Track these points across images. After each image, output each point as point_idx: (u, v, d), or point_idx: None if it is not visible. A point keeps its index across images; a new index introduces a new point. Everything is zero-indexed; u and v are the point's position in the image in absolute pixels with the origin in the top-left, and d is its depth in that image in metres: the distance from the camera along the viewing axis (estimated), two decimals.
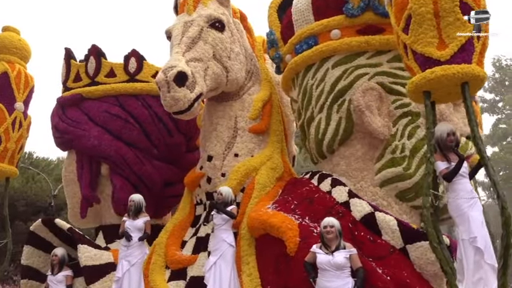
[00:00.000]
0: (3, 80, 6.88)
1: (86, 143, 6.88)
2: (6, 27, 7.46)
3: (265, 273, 4.84)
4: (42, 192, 18.41)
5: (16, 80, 6.98)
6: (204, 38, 5.74)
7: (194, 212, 6.32)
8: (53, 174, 20.87)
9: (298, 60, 5.88)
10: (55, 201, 17.14)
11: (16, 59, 7.22)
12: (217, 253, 4.90)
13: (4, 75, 6.91)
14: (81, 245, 5.50)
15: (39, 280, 5.88)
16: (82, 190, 6.95)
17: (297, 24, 6.01)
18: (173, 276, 5.59)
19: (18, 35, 7.50)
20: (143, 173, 6.80)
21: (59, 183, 19.69)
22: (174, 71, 5.08)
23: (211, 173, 5.99)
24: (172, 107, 5.20)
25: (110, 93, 7.14)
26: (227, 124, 6.18)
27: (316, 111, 5.73)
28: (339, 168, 5.52)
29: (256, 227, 5.04)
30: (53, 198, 17.34)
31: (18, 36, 7.41)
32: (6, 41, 7.16)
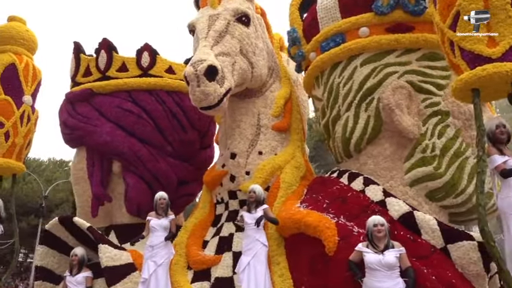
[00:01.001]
0: (11, 72, 6.52)
1: (97, 139, 6.61)
2: (12, 17, 7.10)
3: (298, 273, 4.73)
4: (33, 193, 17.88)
5: (24, 72, 6.64)
6: (231, 32, 5.60)
7: (214, 211, 6.16)
8: (44, 175, 20.35)
9: (324, 58, 5.81)
10: (46, 202, 16.66)
11: (23, 50, 6.87)
12: (250, 253, 4.75)
13: (12, 66, 6.56)
14: (102, 244, 5.25)
15: (53, 282, 5.58)
16: (93, 188, 6.67)
17: (323, 21, 5.94)
18: (197, 277, 5.42)
19: (25, 25, 7.15)
20: (158, 171, 6.57)
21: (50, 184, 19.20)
22: (205, 65, 4.91)
23: (235, 171, 5.84)
24: (202, 101, 5.03)
25: (122, 88, 6.89)
26: (250, 121, 6.05)
27: (343, 110, 5.67)
28: (366, 167, 5.46)
29: (288, 226, 4.93)
30: (44, 199, 16.82)
31: (26, 27, 7.07)
32: (14, 32, 6.81)
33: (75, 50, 7.45)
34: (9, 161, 6.29)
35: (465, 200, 5.17)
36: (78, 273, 5.20)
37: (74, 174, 7.03)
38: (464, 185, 5.15)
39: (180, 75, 7.13)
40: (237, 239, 5.55)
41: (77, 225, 5.45)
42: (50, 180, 19.72)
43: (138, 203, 6.48)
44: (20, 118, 6.48)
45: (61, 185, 20.32)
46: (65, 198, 19.59)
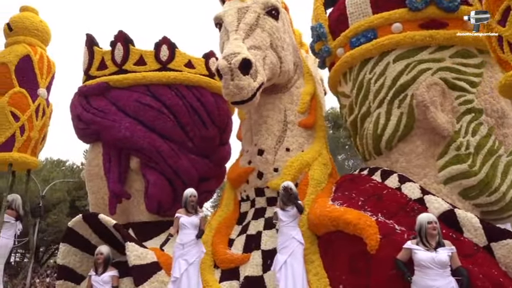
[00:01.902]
0: (26, 63, 6.31)
1: (116, 134, 6.38)
2: (25, 7, 6.87)
3: (335, 272, 4.63)
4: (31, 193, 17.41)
5: (39, 65, 6.43)
6: (262, 26, 5.47)
7: (239, 208, 6.02)
8: (41, 174, 19.92)
9: (355, 54, 5.72)
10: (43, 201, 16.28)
11: (37, 41, 6.66)
12: (286, 251, 4.63)
13: (27, 58, 6.34)
14: (129, 242, 5.07)
15: (74, 281, 5.37)
16: (110, 185, 6.45)
17: (353, 17, 5.85)
18: (225, 276, 5.28)
19: (38, 15, 6.92)
20: (179, 167, 6.39)
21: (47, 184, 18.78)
22: (239, 58, 4.77)
23: (263, 168, 5.72)
24: (235, 96, 4.88)
25: (140, 82, 6.68)
26: (277, 117, 5.93)
27: (374, 106, 5.58)
28: (398, 165, 5.39)
29: (324, 224, 4.81)
30: (41, 199, 16.45)
31: (39, 18, 6.85)
32: (27, 22, 6.58)
33: (88, 42, 7.21)
34: (25, 155, 6.08)
35: (498, 198, 5.13)
36: (104, 272, 5.00)
37: (89, 170, 6.80)
38: (498, 183, 5.11)
39: (199, 69, 6.97)
40: (266, 237, 5.43)
41: (100, 222, 5.24)
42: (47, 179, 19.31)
43: (159, 200, 6.30)
44: (35, 112, 6.29)
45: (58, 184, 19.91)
46: (62, 198, 19.21)
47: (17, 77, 6.18)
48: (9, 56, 6.32)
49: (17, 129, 5.98)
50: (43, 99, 6.37)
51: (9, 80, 6.23)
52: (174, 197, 6.43)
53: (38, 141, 6.31)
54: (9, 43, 6.57)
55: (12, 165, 6.08)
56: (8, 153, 6.08)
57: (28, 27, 6.50)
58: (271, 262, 5.19)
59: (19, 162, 5.96)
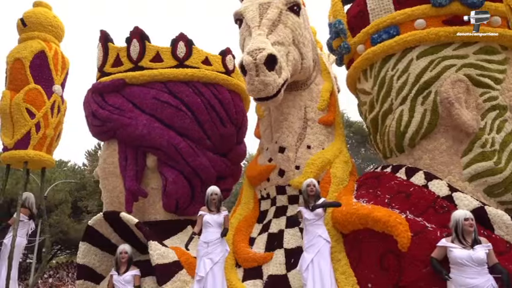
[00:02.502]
0: (41, 59, 6.20)
1: (133, 132, 6.29)
2: (39, 3, 6.77)
3: (364, 270, 4.57)
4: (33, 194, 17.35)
5: (54, 61, 6.32)
6: (284, 21, 5.40)
7: (259, 207, 5.95)
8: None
9: (377, 50, 5.67)
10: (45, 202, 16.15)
11: (51, 37, 6.55)
12: (313, 250, 4.57)
13: (41, 54, 6.24)
14: (152, 241, 4.98)
15: (94, 281, 5.28)
16: (127, 183, 6.34)
17: (374, 13, 5.80)
18: (248, 276, 5.22)
19: (51, 11, 6.81)
20: (198, 166, 6.31)
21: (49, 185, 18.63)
22: (264, 54, 4.70)
23: (284, 166, 5.65)
24: (260, 92, 4.81)
25: (157, 79, 6.57)
26: (297, 114, 5.87)
27: (396, 103, 5.54)
28: (421, 162, 5.35)
29: (351, 222, 4.76)
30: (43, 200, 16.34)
31: (53, 13, 6.74)
32: (42, 18, 6.48)
33: (102, 38, 7.10)
34: (41, 153, 5.98)
35: None
36: (126, 271, 4.91)
37: (104, 168, 6.69)
38: None
39: (216, 66, 6.89)
40: (288, 235, 5.38)
41: (121, 221, 5.15)
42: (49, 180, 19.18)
43: (177, 199, 6.21)
44: (51, 109, 6.18)
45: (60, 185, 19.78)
46: (64, 198, 19.07)
47: (32, 73, 6.08)
48: (24, 52, 6.21)
49: (32, 126, 5.87)
50: (58, 96, 6.26)
51: (24, 77, 6.12)
52: (192, 195, 6.36)
53: (53, 139, 6.20)
54: (23, 39, 6.46)
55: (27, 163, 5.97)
56: (24, 151, 5.98)
57: (42, 22, 6.39)
58: (294, 261, 5.14)
59: (35, 160, 5.85)
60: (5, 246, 5.90)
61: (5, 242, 5.90)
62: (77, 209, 20.78)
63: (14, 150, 6.02)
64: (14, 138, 5.95)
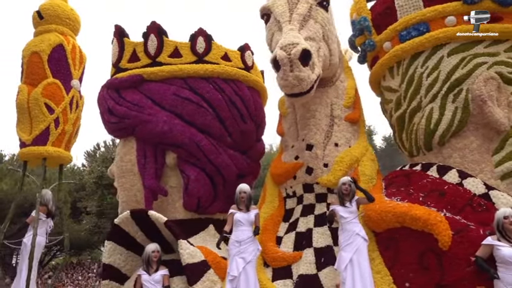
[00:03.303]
0: (59, 53, 6.00)
1: (153, 129, 6.12)
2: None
3: (400, 270, 4.49)
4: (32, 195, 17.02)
5: (72, 55, 6.12)
6: (314, 17, 5.31)
7: (284, 205, 5.84)
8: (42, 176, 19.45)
9: (406, 47, 5.62)
10: None
11: (68, 31, 6.35)
12: (351, 248, 4.46)
13: (60, 48, 6.04)
14: (182, 240, 4.83)
15: (119, 281, 5.11)
16: (146, 181, 6.17)
17: (402, 10, 5.76)
18: (277, 275, 5.10)
19: (67, 3, 6.61)
20: (220, 163, 6.17)
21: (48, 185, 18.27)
22: (299, 48, 4.59)
23: (312, 163, 5.55)
24: (294, 88, 4.69)
25: (176, 75, 6.41)
26: (324, 111, 5.77)
27: (426, 101, 5.49)
28: (451, 160, 5.31)
29: (385, 220, 4.67)
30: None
31: (70, 6, 6.54)
32: (59, 10, 6.28)
33: (117, 33, 6.91)
34: (59, 150, 5.79)
35: None
36: (156, 271, 4.77)
37: (121, 166, 6.50)
38: None
39: (235, 62, 6.76)
40: (317, 234, 5.28)
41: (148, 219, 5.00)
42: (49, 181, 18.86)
43: (199, 197, 6.07)
44: (70, 104, 5.97)
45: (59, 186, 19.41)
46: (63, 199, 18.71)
47: (50, 67, 5.87)
48: (42, 45, 6.00)
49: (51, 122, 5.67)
50: (76, 91, 6.06)
51: (42, 70, 5.91)
52: (214, 194, 6.22)
53: (72, 135, 6.01)
54: (40, 32, 6.24)
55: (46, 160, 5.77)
56: (43, 147, 5.77)
57: (60, 15, 6.18)
58: (324, 260, 5.06)
59: (54, 156, 5.65)
60: (25, 246, 5.70)
61: (24, 241, 5.70)
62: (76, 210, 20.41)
63: (32, 147, 5.82)
64: (32, 134, 5.75)
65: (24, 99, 5.79)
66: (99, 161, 22.85)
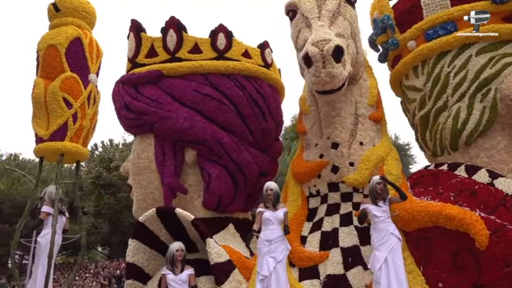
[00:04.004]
0: (76, 46, 5.84)
1: (173, 125, 5.98)
2: None
3: (433, 270, 4.44)
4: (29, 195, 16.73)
5: (89, 49, 5.97)
6: (343, 14, 5.23)
7: (307, 204, 5.75)
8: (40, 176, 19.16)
9: (433, 46, 5.60)
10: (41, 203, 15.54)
11: (85, 24, 6.18)
12: (385, 248, 4.40)
13: (77, 41, 5.88)
14: (210, 239, 4.72)
15: (142, 281, 4.97)
16: (166, 179, 6.03)
17: (428, 9, 5.73)
18: (304, 275, 5.01)
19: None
20: (242, 161, 6.06)
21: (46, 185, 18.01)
22: (332, 45, 4.51)
23: (338, 162, 5.47)
24: (326, 84, 4.61)
25: (197, 71, 6.27)
26: (349, 110, 5.70)
27: (452, 100, 5.47)
28: (478, 160, 5.29)
29: (417, 220, 4.61)
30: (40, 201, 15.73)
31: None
32: (76, 3, 6.13)
33: (134, 28, 6.76)
34: (78, 145, 5.64)
35: None
36: (182, 270, 4.64)
37: (138, 163, 6.35)
38: None
39: (256, 60, 6.67)
40: (343, 234, 5.20)
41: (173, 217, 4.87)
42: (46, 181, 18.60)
43: (220, 196, 5.95)
44: (87, 99, 5.79)
45: None
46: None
47: (68, 61, 5.71)
48: (59, 38, 5.83)
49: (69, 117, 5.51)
50: (94, 85, 5.90)
51: (59, 64, 5.74)
52: (234, 192, 6.11)
53: (89, 131, 5.84)
54: (56, 24, 6.06)
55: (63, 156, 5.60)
56: (61, 143, 5.61)
57: (77, 8, 6.02)
58: (352, 260, 4.98)
59: (72, 152, 5.49)
60: (40, 245, 5.51)
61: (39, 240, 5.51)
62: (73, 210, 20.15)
63: (49, 142, 5.65)
64: (49, 129, 5.59)
65: (40, 93, 5.61)
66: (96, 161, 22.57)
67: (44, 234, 5.56)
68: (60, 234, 5.70)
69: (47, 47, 5.85)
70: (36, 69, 6.02)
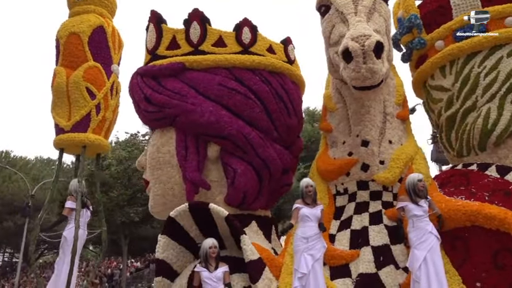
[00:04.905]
0: (99, 35, 5.63)
1: (197, 119, 5.82)
2: None
3: (471, 269, 4.43)
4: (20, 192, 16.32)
5: (112, 38, 5.75)
6: (378, 10, 5.21)
7: (334, 202, 5.70)
8: (31, 173, 18.77)
9: (463, 46, 5.61)
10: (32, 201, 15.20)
11: (107, 13, 5.97)
12: (424, 246, 4.37)
13: (100, 30, 5.67)
14: (245, 235, 4.60)
15: (170, 278, 4.82)
16: (188, 174, 5.84)
17: (458, 9, 5.74)
18: (336, 274, 4.95)
19: None
20: (268, 157, 5.92)
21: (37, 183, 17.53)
22: (373, 40, 4.46)
23: (368, 160, 5.43)
24: (366, 80, 4.57)
25: (221, 65, 6.12)
26: (378, 108, 5.66)
27: (482, 101, 5.49)
28: (507, 161, 5.33)
29: (454, 219, 4.60)
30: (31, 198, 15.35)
31: None
32: None
33: (154, 19, 6.56)
34: (100, 138, 5.44)
35: None
36: (216, 267, 4.51)
37: (159, 157, 6.16)
38: None
39: (279, 55, 6.57)
40: (373, 232, 5.17)
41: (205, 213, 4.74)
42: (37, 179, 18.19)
43: (245, 192, 5.81)
44: (110, 90, 5.58)
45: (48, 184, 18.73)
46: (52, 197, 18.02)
47: (91, 50, 5.49)
48: (82, 26, 5.60)
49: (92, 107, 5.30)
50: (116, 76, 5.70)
51: (82, 53, 5.52)
52: (259, 189, 5.97)
53: (112, 123, 5.64)
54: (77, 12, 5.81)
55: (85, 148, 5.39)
56: (83, 134, 5.38)
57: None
58: (383, 259, 4.95)
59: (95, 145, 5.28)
60: (65, 239, 5.29)
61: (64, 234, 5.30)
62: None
63: (71, 133, 5.43)
64: (71, 119, 5.36)
65: (62, 82, 5.38)
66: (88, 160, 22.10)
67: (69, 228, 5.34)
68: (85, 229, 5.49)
69: (69, 34, 5.61)
70: (56, 58, 5.77)
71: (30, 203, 15.50)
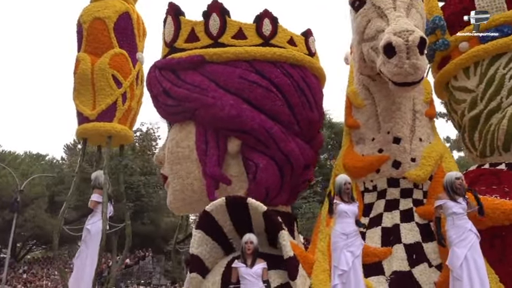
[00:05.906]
0: (125, 21, 5.35)
1: (217, 113, 5.61)
2: None
3: (508, 268, 4.48)
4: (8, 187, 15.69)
5: (137, 25, 5.48)
6: (415, 6, 5.21)
7: (362, 199, 5.64)
8: (20, 168, 18.04)
9: (489, 48, 5.70)
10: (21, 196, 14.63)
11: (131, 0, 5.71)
12: (464, 244, 4.34)
13: (126, 16, 5.40)
14: (284, 231, 4.47)
15: (202, 274, 4.63)
16: (208, 169, 5.64)
17: None
18: (369, 271, 4.87)
19: None
20: (290, 152, 5.77)
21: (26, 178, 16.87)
22: (417, 36, 4.44)
23: (400, 157, 5.41)
24: (408, 76, 4.52)
25: (242, 57, 5.92)
26: (408, 105, 5.66)
27: (507, 102, 5.60)
28: None
29: (492, 217, 4.62)
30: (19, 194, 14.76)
31: None
32: None
33: (172, 11, 6.30)
34: (126, 128, 5.17)
35: None
36: (253, 263, 4.37)
37: (177, 152, 5.91)
38: None
39: (300, 48, 6.44)
40: (405, 230, 5.15)
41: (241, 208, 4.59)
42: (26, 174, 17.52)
43: (267, 187, 5.64)
44: (136, 78, 5.33)
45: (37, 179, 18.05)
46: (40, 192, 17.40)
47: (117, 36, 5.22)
48: (107, 11, 5.30)
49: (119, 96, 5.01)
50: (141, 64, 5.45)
51: (108, 39, 5.23)
52: (281, 184, 5.82)
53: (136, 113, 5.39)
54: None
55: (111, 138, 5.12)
56: (110, 124, 5.09)
57: None
58: (416, 256, 4.93)
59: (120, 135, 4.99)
60: (88, 232, 5.01)
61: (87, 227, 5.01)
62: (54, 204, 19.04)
63: (97, 122, 5.15)
64: (96, 108, 5.08)
65: (87, 69, 5.09)
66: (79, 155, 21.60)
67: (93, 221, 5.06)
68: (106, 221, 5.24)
69: (93, 20, 5.30)
70: (79, 43, 5.44)
71: (18, 198, 14.88)
